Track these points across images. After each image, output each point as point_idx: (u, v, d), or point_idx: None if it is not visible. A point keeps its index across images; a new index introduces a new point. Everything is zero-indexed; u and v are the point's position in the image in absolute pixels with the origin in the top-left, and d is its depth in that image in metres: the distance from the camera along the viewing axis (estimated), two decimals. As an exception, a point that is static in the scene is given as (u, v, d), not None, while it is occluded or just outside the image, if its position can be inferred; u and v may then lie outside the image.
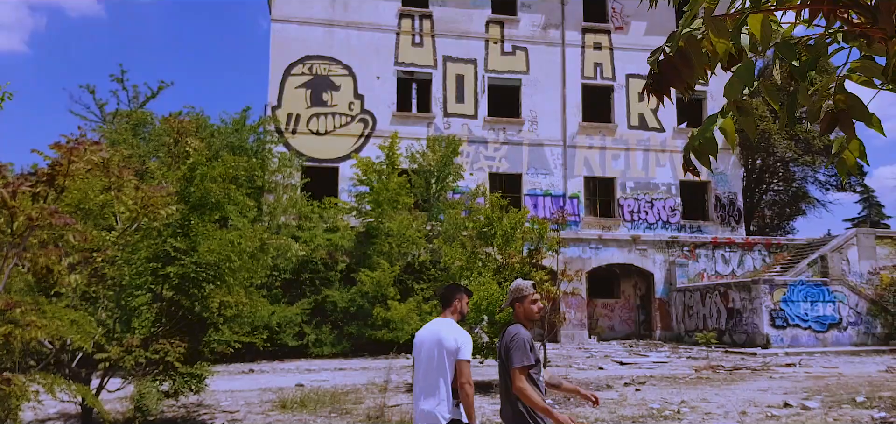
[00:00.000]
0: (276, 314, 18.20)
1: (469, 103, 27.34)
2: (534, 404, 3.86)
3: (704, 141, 1.66)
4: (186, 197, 8.82)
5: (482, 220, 14.28)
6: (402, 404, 10.35)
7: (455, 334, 4.35)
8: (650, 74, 1.58)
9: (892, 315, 21.77)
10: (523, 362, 3.89)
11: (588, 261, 25.97)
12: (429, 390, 4.34)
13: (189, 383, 8.98)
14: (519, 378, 3.88)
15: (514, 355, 3.92)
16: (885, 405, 9.67)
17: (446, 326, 4.41)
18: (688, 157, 1.68)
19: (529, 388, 3.87)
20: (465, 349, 4.30)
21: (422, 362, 4.43)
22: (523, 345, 3.94)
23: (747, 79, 1.45)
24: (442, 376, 4.31)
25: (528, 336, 4.01)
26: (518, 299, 4.18)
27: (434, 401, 4.30)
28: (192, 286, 8.41)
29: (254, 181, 19.22)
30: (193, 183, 8.83)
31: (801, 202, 35.62)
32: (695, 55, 1.44)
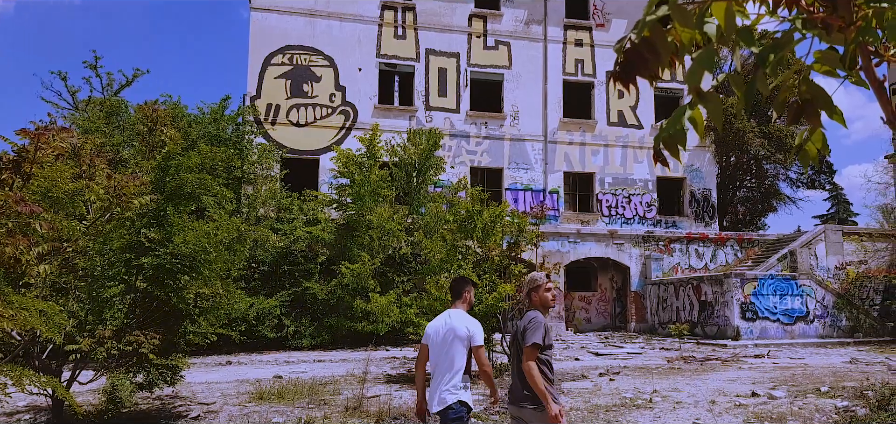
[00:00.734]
0: (254, 307, 18.09)
1: (451, 97, 27.35)
2: (535, 384, 4.19)
3: (674, 132, 1.69)
4: (161, 187, 8.72)
5: (463, 213, 14.32)
6: (380, 395, 10.36)
7: (466, 322, 4.75)
8: (617, 62, 1.62)
9: (856, 309, 22.28)
10: (535, 340, 4.27)
11: (566, 255, 26.19)
12: (443, 374, 4.71)
13: (164, 375, 8.91)
14: (529, 355, 4.26)
15: (529, 334, 4.30)
16: (848, 394, 9.92)
17: (457, 316, 4.80)
18: (658, 147, 1.71)
19: (535, 369, 4.23)
20: (478, 336, 4.71)
21: (435, 349, 4.80)
22: (539, 328, 4.33)
23: (708, 65, 1.48)
24: (455, 360, 4.69)
25: (544, 321, 4.40)
26: (534, 289, 4.57)
27: (448, 384, 4.66)
28: (167, 277, 8.33)
29: (232, 172, 19.04)
30: (168, 173, 8.73)
31: (773, 199, 36.23)
32: (661, 43, 1.48)
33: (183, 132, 19.35)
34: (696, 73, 1.48)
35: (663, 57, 1.47)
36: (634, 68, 1.51)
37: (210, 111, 22.03)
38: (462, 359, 4.70)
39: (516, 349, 4.48)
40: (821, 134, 1.69)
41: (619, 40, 1.58)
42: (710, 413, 8.89)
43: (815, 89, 1.58)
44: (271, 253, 20.06)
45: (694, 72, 1.48)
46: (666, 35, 1.46)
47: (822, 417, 8.49)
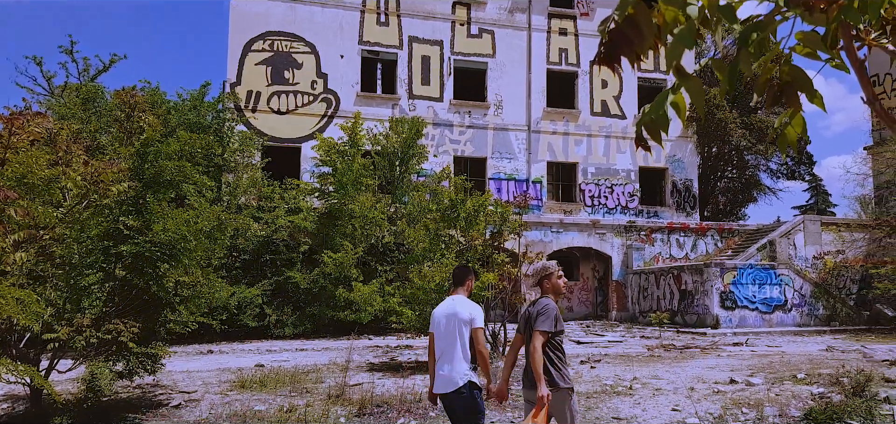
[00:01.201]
0: (235, 296, 17.97)
1: (435, 86, 27.25)
2: (534, 366, 4.40)
3: (657, 117, 1.69)
4: (140, 174, 8.60)
5: (446, 203, 14.32)
6: (363, 383, 10.36)
7: (468, 307, 5.06)
8: (601, 43, 1.61)
9: (833, 298, 22.64)
10: (545, 327, 4.49)
11: (549, 244, 26.29)
12: (447, 356, 5.01)
13: (144, 363, 8.82)
14: (538, 338, 4.46)
15: (540, 321, 4.51)
16: (823, 381, 10.08)
17: (460, 301, 5.11)
18: (640, 132, 1.71)
19: (539, 352, 4.44)
20: (478, 319, 5.00)
21: (440, 333, 5.09)
22: (552, 314, 4.55)
23: (688, 42, 1.48)
24: (459, 343, 4.98)
25: (556, 309, 4.62)
26: (546, 276, 4.77)
27: (453, 365, 4.96)
28: (147, 265, 8.24)
29: (212, 160, 18.84)
30: (147, 160, 8.61)
31: (753, 189, 36.63)
32: (644, 23, 1.47)
33: (162, 119, 19.11)
34: (677, 50, 1.48)
35: (647, 37, 1.47)
36: (618, 49, 1.51)
37: (190, 98, 21.77)
38: (467, 341, 4.99)
39: (528, 334, 4.64)
40: (800, 118, 1.70)
41: (603, 20, 1.57)
42: (688, 400, 8.99)
43: (796, 72, 1.58)
44: (253, 242, 19.93)
45: (674, 49, 1.48)
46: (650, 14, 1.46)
47: (798, 403, 8.63)
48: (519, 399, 8.51)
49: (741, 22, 1.54)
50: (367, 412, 8.29)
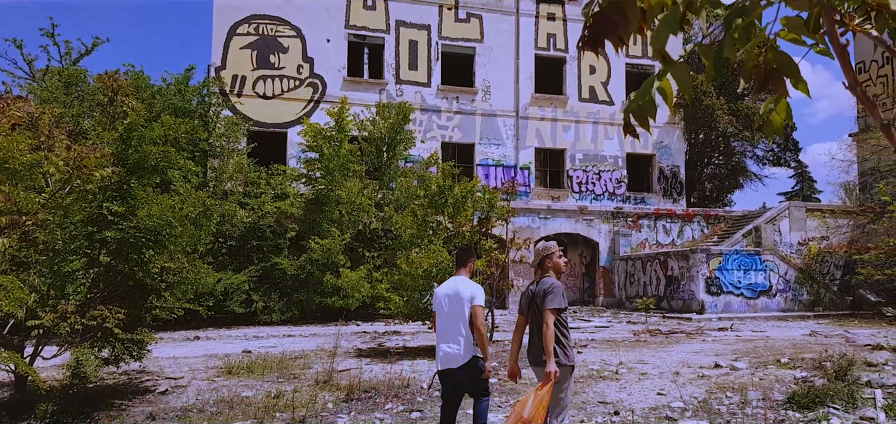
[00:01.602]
0: (222, 282, 17.89)
1: (422, 71, 27.13)
2: (546, 343, 4.70)
3: (644, 103, 1.69)
4: (124, 159, 8.51)
5: (434, 188, 14.29)
6: (350, 368, 10.36)
7: (470, 286, 5.37)
8: (585, 27, 1.60)
9: (817, 284, 22.90)
10: (554, 305, 4.77)
11: (537, 231, 26.36)
12: (450, 334, 5.34)
13: (130, 350, 8.77)
14: (549, 316, 4.74)
15: (548, 299, 4.79)
16: (806, 365, 10.21)
17: (462, 281, 5.44)
18: (627, 119, 1.71)
19: (551, 330, 4.73)
20: (479, 297, 5.29)
21: (443, 311, 5.41)
22: (559, 292, 4.84)
23: (672, 27, 1.47)
24: (461, 321, 5.29)
25: (562, 287, 4.91)
26: (547, 256, 5.06)
27: (455, 343, 5.30)
28: (131, 251, 8.17)
29: (197, 145, 18.67)
30: (131, 145, 8.51)
31: (740, 176, 36.89)
32: (629, 7, 1.46)
33: (146, 104, 18.91)
34: (661, 35, 1.47)
35: (631, 21, 1.46)
36: (603, 33, 1.50)
37: (174, 82, 21.52)
38: (469, 320, 5.30)
39: (534, 313, 4.93)
40: (785, 104, 1.70)
41: (586, 4, 1.56)
42: (674, 384, 9.07)
43: (782, 57, 1.58)
44: (239, 228, 19.82)
45: (659, 34, 1.47)
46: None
47: (781, 387, 8.73)
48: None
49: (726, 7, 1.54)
50: (354, 397, 8.30)
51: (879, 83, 28.80)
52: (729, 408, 7.61)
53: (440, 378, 5.48)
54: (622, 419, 7.10)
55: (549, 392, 4.56)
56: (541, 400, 4.50)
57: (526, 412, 4.45)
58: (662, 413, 7.44)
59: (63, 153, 7.68)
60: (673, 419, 7.13)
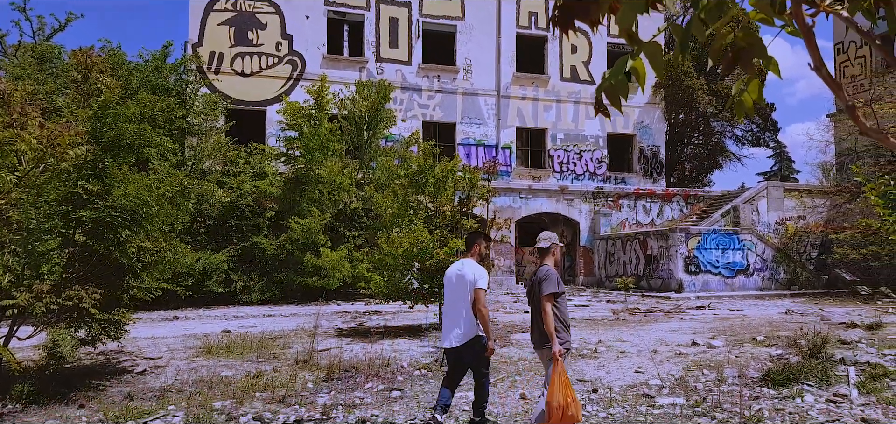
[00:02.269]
0: (201, 261, 17.74)
1: (403, 49, 26.92)
2: (547, 325, 5.06)
3: (616, 82, 1.68)
4: (98, 137, 8.35)
5: (414, 168, 14.23)
6: (331, 348, 10.36)
7: (473, 269, 5.70)
8: (556, 6, 1.58)
9: (794, 263, 23.27)
10: (549, 290, 5.13)
11: (518, 210, 26.44)
12: (453, 313, 5.73)
13: (107, 330, 8.67)
14: (546, 301, 5.11)
15: (544, 285, 5.16)
16: (782, 343, 10.39)
17: (468, 264, 5.77)
18: (599, 97, 1.70)
19: (550, 315, 5.09)
20: (481, 280, 5.62)
21: (448, 293, 5.82)
22: (553, 279, 5.21)
23: (639, 7, 1.46)
24: (464, 302, 5.64)
25: (557, 274, 5.29)
26: (555, 245, 5.49)
27: (457, 322, 5.67)
28: (107, 230, 8.05)
29: (174, 123, 18.38)
30: (105, 122, 8.36)
31: (719, 156, 37.24)
32: (601, -13, 1.44)
33: (122, 81, 18.56)
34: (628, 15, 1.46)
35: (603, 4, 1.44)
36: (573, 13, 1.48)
37: (151, 59, 21.14)
38: (472, 301, 5.63)
39: (533, 300, 5.34)
40: (756, 84, 1.70)
41: (557, -19, 1.55)
42: (651, 362, 9.19)
43: (751, 37, 1.58)
44: (217, 207, 19.63)
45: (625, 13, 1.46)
46: (605, -22, 1.43)
47: (757, 364, 8.88)
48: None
49: None
50: (335, 376, 8.30)
51: (857, 64, 29.10)
52: (705, 386, 7.73)
53: (445, 354, 5.88)
54: (600, 396, 7.18)
55: (561, 371, 4.91)
56: (561, 381, 4.84)
57: (555, 400, 4.79)
58: (640, 390, 7.54)
59: (36, 131, 7.53)
60: (650, 396, 7.23)
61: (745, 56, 1.58)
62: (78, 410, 6.87)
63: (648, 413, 6.60)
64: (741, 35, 1.56)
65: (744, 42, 1.56)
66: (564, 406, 4.76)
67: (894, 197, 7.03)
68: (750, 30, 1.56)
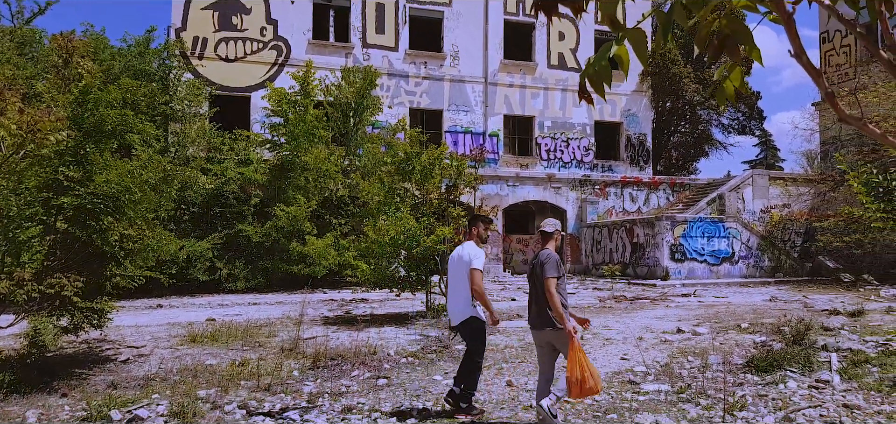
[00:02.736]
0: (185, 249, 17.60)
1: (389, 35, 26.74)
2: (555, 307, 5.31)
3: (600, 68, 1.65)
4: (80, 123, 8.23)
5: (401, 155, 14.17)
6: (317, 336, 10.32)
7: (470, 250, 6.07)
8: (538, -12, 1.55)
9: (778, 250, 23.48)
10: (552, 273, 5.38)
11: (505, 198, 26.45)
12: (453, 293, 6.17)
13: (90, 318, 8.58)
14: (549, 285, 5.35)
15: (547, 269, 5.41)
16: (766, 330, 10.49)
17: (467, 246, 6.15)
18: (583, 84, 1.67)
19: (555, 296, 5.33)
20: (476, 261, 5.97)
21: (451, 274, 6.20)
22: (553, 262, 5.45)
23: (620, -8, 1.43)
24: (462, 282, 6.03)
25: (558, 257, 5.54)
26: (557, 232, 5.75)
27: (455, 301, 6.12)
28: (89, 217, 7.94)
29: (157, 109, 18.17)
30: (87, 108, 8.23)
31: (705, 144, 37.42)
32: (581, -30, 1.41)
33: (105, 66, 18.32)
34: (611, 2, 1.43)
35: (587, -15, 1.41)
36: (557, -3, 1.45)
37: (135, 44, 20.85)
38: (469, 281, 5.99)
39: (534, 283, 5.56)
40: (739, 72, 1.68)
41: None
42: (637, 349, 9.24)
43: (736, 24, 1.56)
44: (201, 194, 19.46)
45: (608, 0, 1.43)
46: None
47: (741, 351, 8.96)
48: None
49: None
50: (321, 365, 8.27)
51: (842, 53, 29.30)
52: (690, 372, 7.78)
53: (452, 329, 6.45)
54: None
55: (578, 346, 5.19)
56: (578, 357, 5.14)
57: (574, 375, 5.09)
58: (626, 377, 7.58)
59: (15, 117, 7.40)
60: (635, 382, 7.26)
61: (731, 43, 1.56)
62: (60, 399, 6.80)
63: (634, 399, 6.63)
64: (726, 22, 1.54)
65: (729, 29, 1.54)
66: (583, 379, 5.06)
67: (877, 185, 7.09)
68: (735, 17, 1.54)
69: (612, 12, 1.47)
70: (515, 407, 6.37)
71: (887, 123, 18.75)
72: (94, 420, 5.95)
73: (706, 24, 1.55)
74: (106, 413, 6.03)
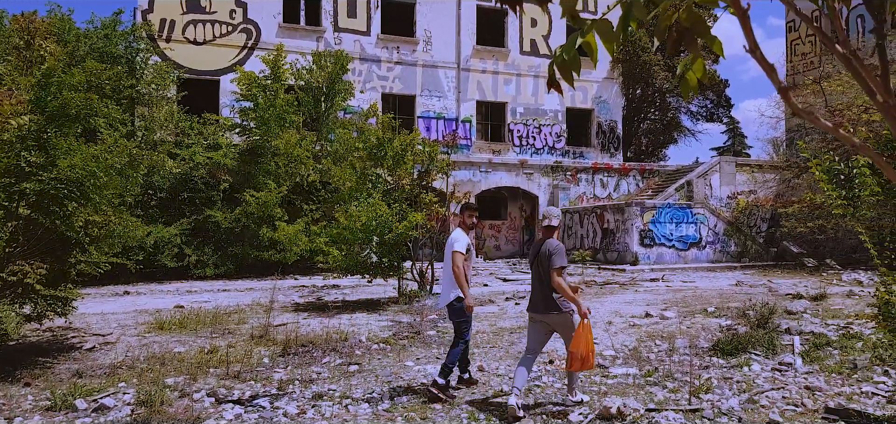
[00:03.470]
0: (152, 235, 17.31)
1: (361, 19, 26.50)
2: (568, 296, 5.57)
3: (569, 57, 1.66)
4: (42, 106, 8.02)
5: (373, 141, 14.11)
6: (287, 323, 10.26)
7: (455, 236, 6.42)
8: (503, -21, 1.55)
9: (744, 236, 23.96)
10: (561, 264, 5.63)
11: (478, 184, 26.51)
12: (442, 277, 6.54)
13: (54, 306, 8.41)
14: (558, 274, 5.61)
15: (556, 258, 5.64)
16: (731, 314, 10.72)
17: (455, 232, 6.50)
18: (552, 73, 1.67)
19: (564, 283, 5.63)
20: (457, 244, 6.31)
21: (443, 260, 6.58)
22: (562, 253, 5.70)
23: (578, -14, 1.44)
24: (448, 266, 6.35)
25: (563, 248, 5.77)
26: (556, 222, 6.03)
27: (442, 286, 6.51)
28: (53, 203, 7.76)
29: (122, 92, 17.76)
30: (50, 91, 8.02)
31: (675, 131, 37.90)
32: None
33: (70, 48, 17.85)
34: (570, -3, 1.43)
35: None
36: (521, -13, 1.45)
37: (101, 26, 20.32)
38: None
39: (538, 270, 5.78)
40: (701, 63, 1.70)
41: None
42: (606, 333, 9.37)
43: (694, 17, 1.58)
44: (169, 179, 19.13)
45: (567, -5, 1.44)
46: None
47: (707, 334, 9.14)
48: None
49: None
50: (291, 351, 8.23)
51: (808, 42, 29.84)
52: (657, 356, 7.92)
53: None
54: (556, 366, 7.29)
55: (586, 328, 5.49)
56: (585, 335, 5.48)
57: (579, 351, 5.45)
58: (595, 361, 7.67)
59: (-28, 99, 7.19)
60: (604, 366, 7.37)
61: (689, 36, 1.58)
62: (23, 388, 6.66)
63: (603, 383, 6.73)
64: (685, 15, 1.56)
65: (687, 22, 1.56)
66: (586, 356, 5.47)
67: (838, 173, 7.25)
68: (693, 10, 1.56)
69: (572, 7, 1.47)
70: (486, 392, 6.43)
71: (851, 111, 19.19)
72: (58, 410, 5.84)
73: (665, 17, 1.57)
74: (71, 403, 5.92)
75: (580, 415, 5.59)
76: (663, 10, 1.55)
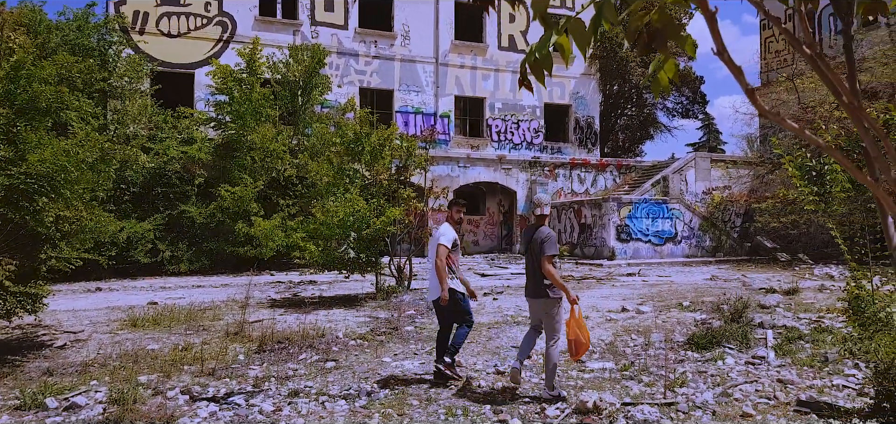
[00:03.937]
0: (125, 231, 17.04)
1: (339, 12, 26.31)
2: (557, 282, 5.86)
3: (541, 56, 1.65)
4: (11, 100, 7.85)
5: (350, 136, 14.03)
6: (263, 319, 10.18)
7: (441, 229, 6.58)
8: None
9: (719, 231, 24.29)
10: (553, 251, 5.87)
11: (456, 179, 26.51)
12: (430, 272, 6.66)
13: (23, 303, 8.25)
14: (550, 261, 5.85)
15: (547, 246, 5.87)
16: (706, 308, 10.86)
17: (442, 226, 6.65)
18: (523, 71, 1.67)
19: (556, 271, 5.89)
20: (442, 238, 6.46)
21: (430, 253, 6.68)
22: (553, 241, 5.92)
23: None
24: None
25: (555, 235, 6.00)
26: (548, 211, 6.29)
27: (432, 277, 6.59)
28: (22, 198, 7.60)
29: (94, 85, 17.44)
30: (19, 84, 7.85)
31: (651, 127, 38.28)
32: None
33: (41, 39, 17.50)
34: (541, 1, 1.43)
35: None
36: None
37: (73, 17, 19.94)
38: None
39: (531, 257, 5.99)
40: (672, 63, 1.71)
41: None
42: (583, 329, 9.41)
43: (666, 18, 1.58)
44: (143, 174, 18.85)
45: (538, 0, 1.43)
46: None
47: (682, 329, 9.25)
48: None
49: None
50: (267, 348, 8.17)
51: (782, 40, 30.26)
52: (633, 350, 7.99)
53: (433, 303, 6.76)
54: (534, 361, 7.32)
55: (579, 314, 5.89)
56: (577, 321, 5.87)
57: (572, 335, 5.85)
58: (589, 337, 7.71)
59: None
60: (581, 360, 7.41)
61: (660, 37, 1.58)
62: (-9, 388, 6.52)
63: (579, 377, 6.78)
64: (656, 17, 1.56)
65: (659, 24, 1.57)
66: (578, 340, 5.85)
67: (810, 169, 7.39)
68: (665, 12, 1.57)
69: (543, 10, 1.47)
70: (464, 386, 6.43)
71: (823, 108, 19.50)
72: (28, 409, 5.73)
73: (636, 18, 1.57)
74: (41, 401, 5.81)
75: (557, 410, 5.62)
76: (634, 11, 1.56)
